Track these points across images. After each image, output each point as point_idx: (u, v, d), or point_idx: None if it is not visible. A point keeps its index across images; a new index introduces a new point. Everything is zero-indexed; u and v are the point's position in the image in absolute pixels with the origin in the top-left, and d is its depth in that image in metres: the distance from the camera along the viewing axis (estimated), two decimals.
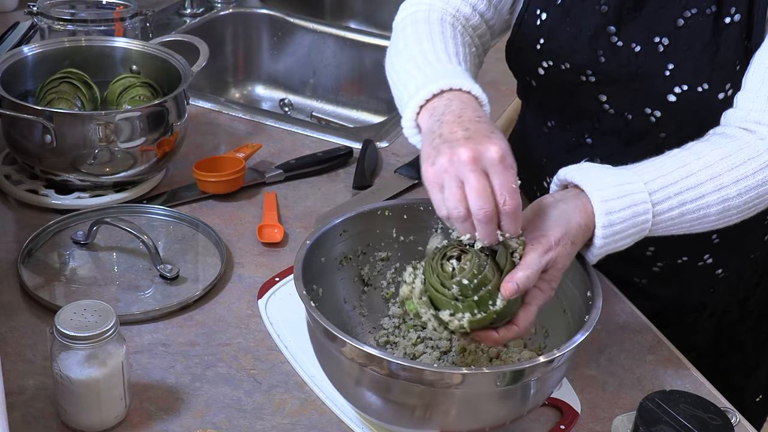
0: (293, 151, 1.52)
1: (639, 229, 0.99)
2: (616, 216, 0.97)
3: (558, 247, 0.94)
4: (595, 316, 0.95)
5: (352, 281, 1.11)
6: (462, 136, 0.90)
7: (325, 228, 1.05)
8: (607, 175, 0.99)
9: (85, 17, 1.61)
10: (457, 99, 0.96)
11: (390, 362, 0.89)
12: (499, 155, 0.89)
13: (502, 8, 1.22)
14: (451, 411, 0.92)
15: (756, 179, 1.03)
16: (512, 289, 0.91)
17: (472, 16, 1.19)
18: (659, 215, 0.99)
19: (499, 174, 0.89)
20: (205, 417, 1.01)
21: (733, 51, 1.12)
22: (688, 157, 1.03)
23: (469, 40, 1.17)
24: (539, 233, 0.94)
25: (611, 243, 0.99)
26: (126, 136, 1.31)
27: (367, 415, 0.99)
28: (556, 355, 0.90)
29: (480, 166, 0.88)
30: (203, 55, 1.47)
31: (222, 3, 2.06)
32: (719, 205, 1.02)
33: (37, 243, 1.24)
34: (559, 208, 0.97)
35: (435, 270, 0.93)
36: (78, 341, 0.93)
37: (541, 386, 0.94)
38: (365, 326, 1.12)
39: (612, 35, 1.17)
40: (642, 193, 0.98)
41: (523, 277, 0.91)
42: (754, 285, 1.38)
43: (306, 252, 1.01)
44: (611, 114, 1.20)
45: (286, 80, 2.08)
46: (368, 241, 1.09)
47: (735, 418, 0.98)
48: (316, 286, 1.04)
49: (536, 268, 0.92)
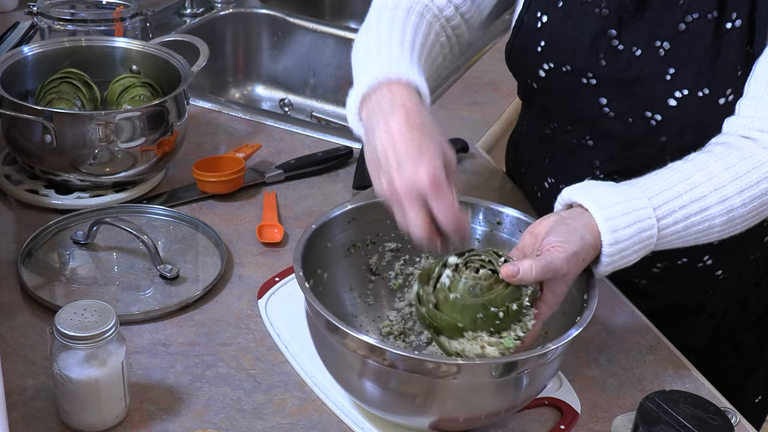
0: (293, 151, 1.52)
1: (645, 244, 0.99)
2: (621, 233, 0.97)
3: (573, 259, 0.94)
4: (588, 316, 0.96)
5: (360, 269, 1.13)
6: (393, 164, 0.93)
7: (333, 214, 1.07)
8: (611, 193, 0.99)
9: (85, 17, 1.61)
10: (389, 95, 0.98)
11: (390, 353, 0.90)
12: (430, 181, 0.92)
13: (481, 4, 1.22)
14: (448, 400, 0.93)
15: (760, 188, 1.03)
16: (512, 270, 0.91)
17: (447, 7, 1.18)
18: (664, 230, 0.99)
19: (434, 200, 0.92)
20: (205, 417, 1.01)
21: (734, 56, 1.11)
22: (691, 169, 1.02)
23: (438, 29, 1.17)
24: (557, 243, 0.94)
25: (618, 260, 0.98)
26: (126, 136, 1.31)
27: (365, 405, 1.00)
28: (550, 348, 0.91)
29: (414, 195, 0.92)
30: (203, 55, 1.47)
31: (222, 3, 2.06)
32: (724, 216, 1.02)
33: (37, 243, 1.24)
34: (568, 224, 0.97)
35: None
36: (78, 341, 0.93)
37: (534, 378, 0.95)
38: (369, 315, 1.13)
39: (613, 39, 1.16)
40: (646, 209, 0.98)
41: (527, 265, 0.92)
42: (753, 286, 1.38)
43: (309, 236, 1.03)
44: (612, 117, 1.20)
45: (286, 80, 2.08)
46: (378, 231, 1.11)
47: (735, 418, 0.98)
48: (320, 270, 1.06)
49: (545, 263, 0.92)
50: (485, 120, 1.73)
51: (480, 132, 1.67)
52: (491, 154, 1.59)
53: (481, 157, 1.57)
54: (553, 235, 0.95)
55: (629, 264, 1.01)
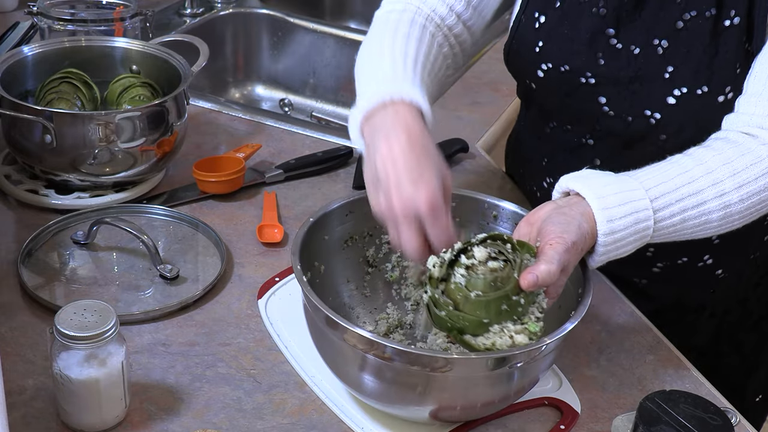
0: (293, 151, 1.52)
1: (641, 235, 0.99)
2: (617, 223, 0.97)
3: (573, 249, 0.94)
4: (582, 310, 0.96)
5: (357, 262, 1.13)
6: (393, 183, 0.95)
7: (330, 208, 1.08)
8: (608, 183, 0.99)
9: (85, 17, 1.61)
10: (392, 114, 0.99)
11: (389, 347, 0.91)
12: (427, 205, 0.94)
13: (483, 10, 1.22)
14: (444, 391, 0.95)
15: (758, 184, 1.03)
16: (532, 280, 0.91)
17: (448, 16, 1.19)
18: (661, 222, 1.00)
19: (430, 223, 0.94)
20: (205, 417, 1.01)
21: (732, 54, 1.11)
22: (690, 163, 1.03)
23: (441, 40, 1.17)
24: (555, 235, 0.94)
25: (613, 250, 0.99)
26: (126, 136, 1.31)
27: (363, 397, 1.01)
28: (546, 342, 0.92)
29: (411, 217, 0.94)
30: (203, 55, 1.47)
31: (222, 3, 2.06)
32: (721, 210, 1.02)
33: (37, 243, 1.24)
34: (565, 213, 0.97)
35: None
36: (78, 341, 0.93)
37: (529, 371, 0.96)
38: (366, 306, 1.14)
39: (611, 38, 1.16)
40: (643, 200, 0.98)
41: (545, 270, 0.92)
42: (754, 285, 1.38)
43: (307, 229, 1.03)
44: (611, 116, 1.20)
45: (286, 80, 2.08)
46: (375, 224, 1.11)
47: (735, 418, 0.98)
48: (318, 263, 1.07)
49: (557, 264, 0.93)
50: (485, 120, 1.73)
51: (480, 132, 1.67)
52: (491, 154, 1.59)
53: (481, 157, 1.57)
54: (551, 224, 0.96)
55: (624, 255, 1.01)
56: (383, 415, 1.02)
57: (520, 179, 1.45)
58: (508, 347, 0.92)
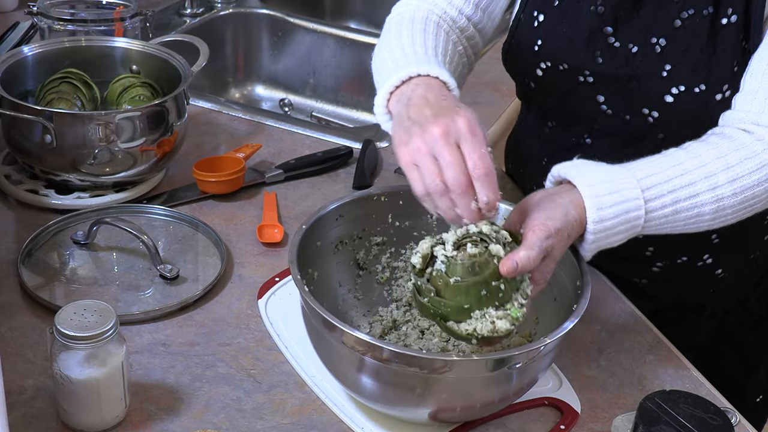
0: (293, 151, 1.52)
1: (631, 225, 0.99)
2: (607, 212, 0.97)
3: (557, 236, 0.94)
4: (584, 305, 0.96)
5: (348, 265, 1.13)
6: (431, 115, 0.93)
7: (321, 213, 1.08)
8: (600, 172, 1.00)
9: (85, 17, 1.61)
10: (424, 84, 0.99)
11: (387, 350, 0.91)
12: (467, 125, 0.92)
13: (492, 12, 1.23)
14: (443, 393, 0.95)
15: (752, 179, 1.03)
16: (511, 266, 0.91)
17: (459, 18, 1.20)
18: (651, 212, 1.00)
19: (468, 142, 0.92)
20: (205, 417, 1.01)
21: (730, 52, 1.12)
22: (683, 156, 1.03)
23: (455, 39, 1.18)
24: (539, 221, 0.95)
25: (602, 239, 0.99)
26: (126, 136, 1.31)
27: (362, 399, 1.01)
28: (547, 342, 0.92)
29: (451, 139, 0.91)
30: (203, 55, 1.47)
31: (222, 3, 2.06)
32: (713, 204, 1.02)
33: (37, 243, 1.24)
34: (554, 201, 0.98)
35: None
36: (78, 341, 0.93)
37: (528, 371, 0.96)
38: (359, 309, 1.14)
39: (609, 36, 1.17)
40: (634, 189, 0.99)
41: (524, 257, 0.92)
42: (754, 285, 1.38)
43: (302, 237, 1.03)
44: (609, 115, 1.21)
45: (286, 80, 2.08)
46: (364, 226, 1.12)
47: (735, 418, 0.98)
48: (311, 270, 1.07)
49: (538, 250, 0.92)
50: (485, 120, 1.72)
51: None
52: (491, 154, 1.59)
53: None
54: (538, 211, 0.96)
55: (615, 244, 1.01)
56: (383, 416, 1.02)
57: (519, 179, 1.45)
58: (488, 332, 0.91)
